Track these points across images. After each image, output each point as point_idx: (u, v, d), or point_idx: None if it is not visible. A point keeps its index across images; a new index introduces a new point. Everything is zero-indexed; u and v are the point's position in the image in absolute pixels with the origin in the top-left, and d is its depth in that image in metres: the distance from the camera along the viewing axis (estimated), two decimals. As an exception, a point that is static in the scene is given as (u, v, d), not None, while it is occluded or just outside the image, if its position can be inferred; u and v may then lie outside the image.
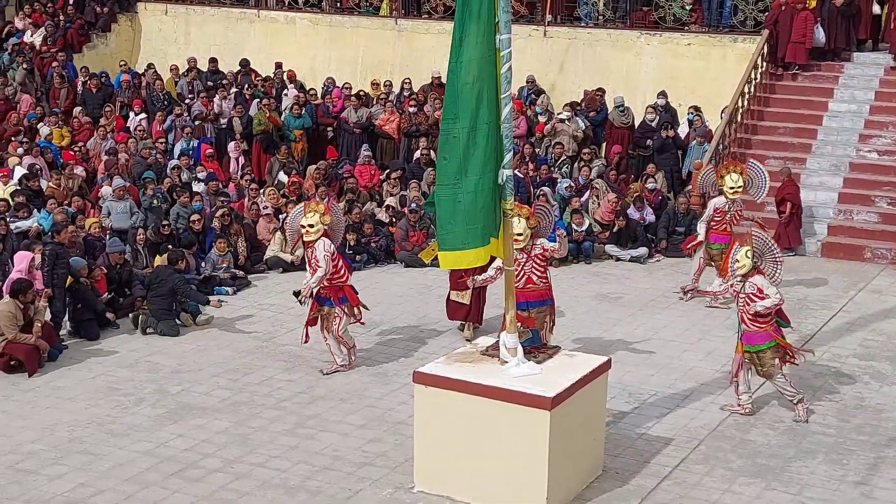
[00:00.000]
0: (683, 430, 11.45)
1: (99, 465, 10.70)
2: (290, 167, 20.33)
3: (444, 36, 19.37)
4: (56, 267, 14.12)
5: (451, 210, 9.92)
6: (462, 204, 9.88)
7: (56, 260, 14.12)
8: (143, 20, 26.81)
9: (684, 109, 21.15)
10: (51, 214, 17.08)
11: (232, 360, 13.47)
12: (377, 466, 10.68)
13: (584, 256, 17.80)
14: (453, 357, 10.42)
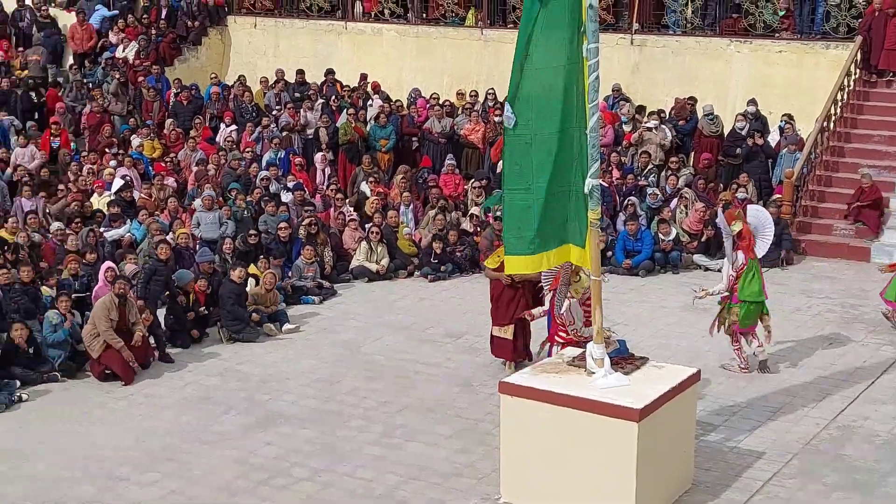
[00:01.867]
0: (776, 444, 11.23)
1: (190, 472, 10.84)
2: (374, 177, 20.41)
3: (530, 45, 19.39)
4: (150, 282, 14.35)
5: (521, 215, 9.95)
6: (532, 209, 9.88)
7: (152, 275, 14.36)
8: (234, 33, 27.17)
9: (776, 117, 20.78)
10: (142, 225, 17.38)
11: (319, 370, 13.56)
12: (464, 477, 10.65)
13: (672, 266, 17.58)
14: (540, 367, 10.37)
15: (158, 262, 14.66)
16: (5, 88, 23.10)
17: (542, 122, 9.83)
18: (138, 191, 19.27)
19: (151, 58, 25.19)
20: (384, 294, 16.62)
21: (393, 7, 25.67)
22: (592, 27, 9.58)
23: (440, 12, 25.19)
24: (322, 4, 26.52)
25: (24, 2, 26.66)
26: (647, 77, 22.58)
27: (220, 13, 27.02)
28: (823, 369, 13.28)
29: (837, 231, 18.47)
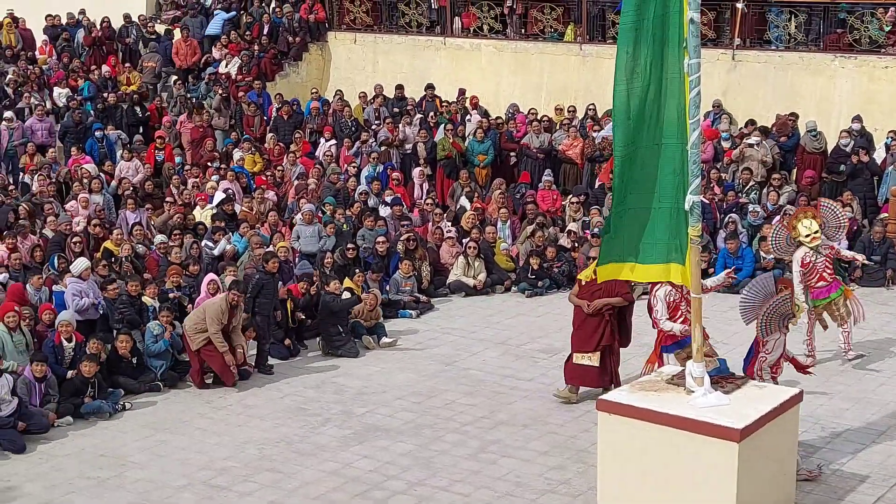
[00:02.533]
0: (880, 468, 10.97)
1: (287, 483, 10.96)
2: (473, 192, 20.46)
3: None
4: (260, 296, 14.57)
5: (616, 224, 9.99)
6: (624, 219, 9.94)
7: (261, 290, 14.57)
8: (333, 49, 27.50)
9: (881, 134, 20.34)
10: (244, 237, 17.65)
11: (415, 383, 13.61)
12: (559, 494, 10.60)
13: (774, 285, 17.27)
14: (638, 385, 10.28)
15: (266, 275, 14.85)
16: (112, 103, 23.68)
17: (642, 136, 9.81)
18: (239, 204, 19.58)
19: (253, 73, 25.61)
20: (481, 309, 16.63)
21: (492, 23, 25.75)
22: (694, 42, 9.51)
23: (539, 28, 25.20)
24: (421, 20, 26.72)
25: (130, 18, 27.33)
26: (747, 93, 22.29)
27: (320, 29, 27.37)
28: (930, 393, 12.94)
29: (945, 250, 17.99)
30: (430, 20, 26.72)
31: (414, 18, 26.73)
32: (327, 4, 27.42)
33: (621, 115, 9.83)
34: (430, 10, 26.61)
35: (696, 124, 9.63)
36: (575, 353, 12.75)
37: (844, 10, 21.88)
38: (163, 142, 22.39)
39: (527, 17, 25.47)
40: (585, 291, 12.69)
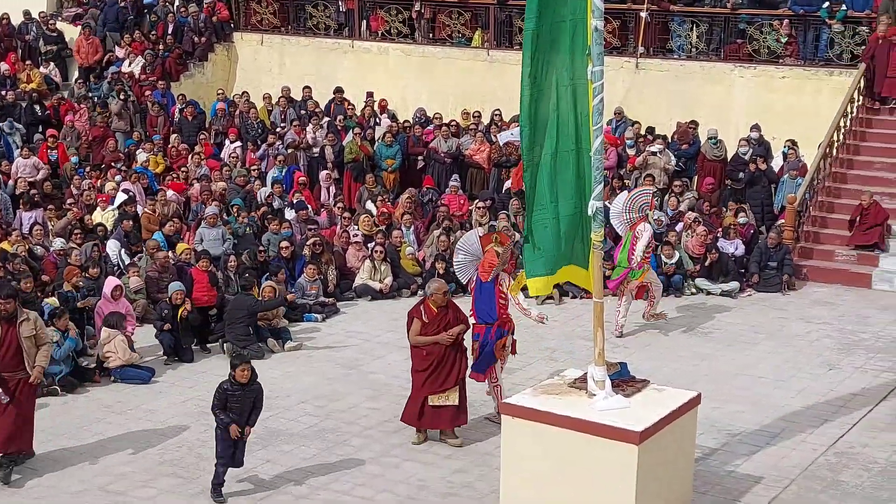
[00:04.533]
0: (773, 469, 11.24)
1: (188, 488, 10.85)
2: (379, 196, 20.47)
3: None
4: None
5: (539, 235, 10.03)
6: (549, 229, 9.98)
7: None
8: (240, 50, 27.29)
9: (779, 143, 20.85)
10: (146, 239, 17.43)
11: (319, 387, 13.58)
12: (462, 497, 10.66)
13: (674, 290, 17.60)
14: (541, 389, 10.39)
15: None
16: (11, 101, 23.19)
17: (548, 142, 9.94)
18: (142, 205, 19.32)
19: (157, 73, 25.30)
20: (387, 313, 16.64)
21: (400, 27, 25.80)
22: (598, 50, 9.66)
23: (447, 33, 25.31)
24: (329, 23, 26.65)
25: (30, 15, 26.79)
26: (650, 101, 22.66)
27: (226, 29, 27.14)
28: (822, 395, 13.29)
29: (839, 257, 18.51)
30: (337, 23, 26.66)
31: (322, 21, 26.65)
32: (233, 5, 27.20)
33: (526, 120, 9.95)
34: (337, 12, 26.55)
35: (598, 131, 9.79)
36: (430, 396, 11.67)
37: (744, 20, 22.40)
38: (55, 140, 21.98)
39: (434, 21, 25.57)
40: (431, 327, 11.63)
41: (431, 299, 11.71)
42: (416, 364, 11.84)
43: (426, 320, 11.66)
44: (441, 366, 11.65)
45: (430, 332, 11.63)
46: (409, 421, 11.92)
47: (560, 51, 9.80)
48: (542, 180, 10.02)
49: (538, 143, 9.95)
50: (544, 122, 9.91)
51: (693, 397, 10.31)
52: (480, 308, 12.24)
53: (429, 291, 11.81)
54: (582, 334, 14.70)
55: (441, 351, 11.63)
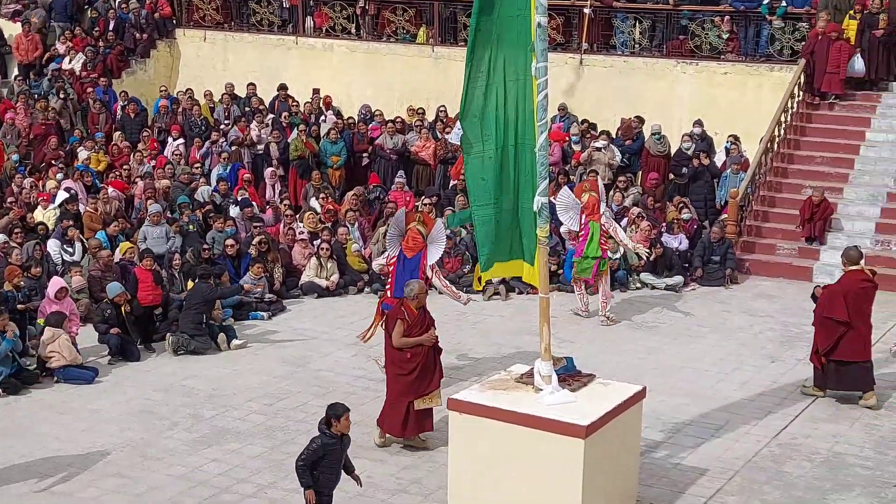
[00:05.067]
0: (718, 461, 11.36)
1: (133, 488, 10.76)
2: (325, 193, 20.39)
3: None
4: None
5: (489, 229, 10.08)
6: (501, 223, 10.09)
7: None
8: (182, 46, 27.06)
9: (721, 138, 21.06)
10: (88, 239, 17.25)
11: (266, 385, 13.52)
12: (410, 493, 10.67)
13: (619, 284, 17.72)
14: (487, 384, 10.42)
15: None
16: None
17: (493, 138, 9.99)
18: (84, 204, 19.10)
19: (98, 70, 25.02)
20: (333, 310, 16.60)
21: (344, 23, 25.72)
22: (541, 46, 9.69)
23: (391, 29, 25.28)
24: (273, 19, 26.51)
25: (-31, 11, 26.42)
26: (594, 96, 22.80)
27: (168, 26, 26.90)
28: (765, 387, 13.46)
29: (781, 250, 18.74)
30: (281, 19, 26.53)
31: (265, 17, 26.51)
32: (175, 1, 26.96)
33: (470, 115, 10.00)
34: (281, 8, 26.42)
35: (543, 127, 9.83)
36: (416, 400, 11.45)
37: (686, 17, 22.60)
38: (-8, 138, 21.71)
39: (379, 17, 25.53)
40: (414, 328, 11.40)
41: (413, 301, 11.37)
42: (398, 369, 11.43)
43: (409, 321, 11.35)
44: (425, 368, 11.43)
45: (414, 334, 11.38)
46: (393, 431, 11.58)
47: (504, 46, 9.85)
48: (489, 175, 10.07)
49: (487, 137, 10.00)
50: (486, 117, 9.97)
51: (638, 391, 10.39)
52: (400, 284, 12.47)
53: (411, 293, 11.43)
54: (528, 330, 14.75)
55: (424, 352, 11.41)
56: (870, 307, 12.87)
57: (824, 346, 12.78)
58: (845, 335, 12.65)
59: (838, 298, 12.68)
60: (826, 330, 12.75)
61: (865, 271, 12.93)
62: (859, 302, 12.70)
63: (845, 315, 12.57)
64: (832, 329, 12.69)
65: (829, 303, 12.75)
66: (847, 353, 12.68)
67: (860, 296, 12.74)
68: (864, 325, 12.79)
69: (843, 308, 12.58)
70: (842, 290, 12.77)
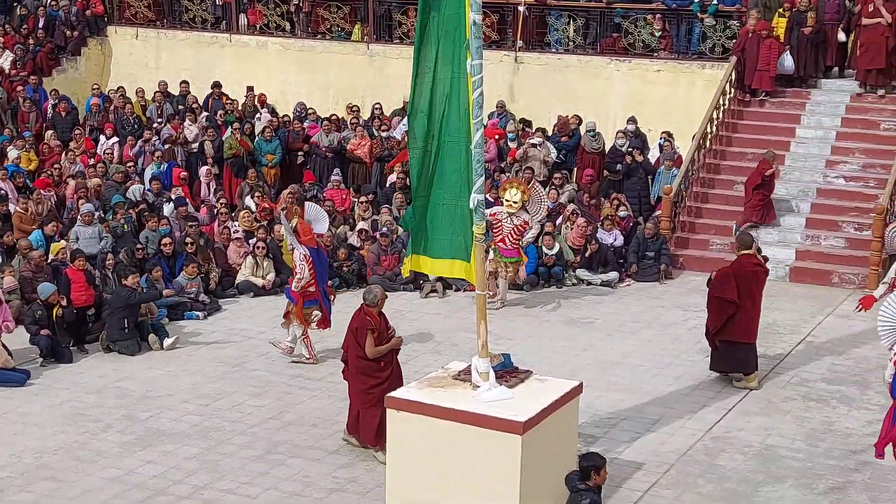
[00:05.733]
0: (653, 455, 11.48)
1: (66, 492, 10.61)
2: (260, 191, 20.27)
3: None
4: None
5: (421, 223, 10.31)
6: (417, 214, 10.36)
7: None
8: (114, 44, 26.75)
9: (655, 135, 21.28)
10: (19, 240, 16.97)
11: (201, 386, 13.40)
12: (348, 492, 10.64)
13: (555, 281, 17.83)
14: (425, 382, 10.42)
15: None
16: None
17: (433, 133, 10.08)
18: (14, 204, 18.79)
19: (28, 68, 24.64)
20: (270, 309, 16.48)
21: (278, 20, 25.58)
22: (476, 44, 9.73)
23: (326, 26, 25.19)
24: (206, 16, 26.29)
25: None
26: (530, 94, 22.91)
27: (99, 24, 26.55)
28: (699, 381, 13.62)
29: (714, 246, 18.96)
30: (214, 16, 26.32)
31: (198, 14, 26.28)
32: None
33: (413, 110, 10.15)
34: (214, 6, 26.21)
35: (479, 124, 9.87)
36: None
37: (619, 15, 22.79)
38: None
39: (313, 15, 25.43)
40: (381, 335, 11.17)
41: (374, 307, 11.11)
42: (373, 379, 11.00)
43: (378, 329, 11.06)
44: (394, 372, 11.17)
45: (385, 341, 11.12)
46: (368, 440, 11.24)
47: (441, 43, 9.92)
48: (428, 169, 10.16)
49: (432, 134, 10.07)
50: (429, 112, 10.05)
51: (575, 387, 10.46)
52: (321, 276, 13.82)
53: (374, 300, 11.12)
54: (466, 327, 14.78)
55: (392, 357, 11.22)
56: (760, 290, 13.40)
57: (714, 325, 13.32)
58: (734, 316, 13.18)
59: (729, 280, 13.23)
60: (717, 310, 13.28)
61: (757, 256, 13.57)
62: (749, 284, 13.25)
63: (735, 294, 13.10)
64: (722, 309, 13.21)
65: (721, 283, 13.30)
66: (735, 334, 13.22)
67: (751, 278, 13.29)
68: (753, 307, 13.33)
69: (733, 289, 13.12)
70: (733, 273, 13.32)
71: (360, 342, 11.03)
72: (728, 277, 13.24)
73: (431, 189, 10.27)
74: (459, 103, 9.96)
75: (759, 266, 13.49)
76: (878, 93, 20.42)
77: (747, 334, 13.28)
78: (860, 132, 20.08)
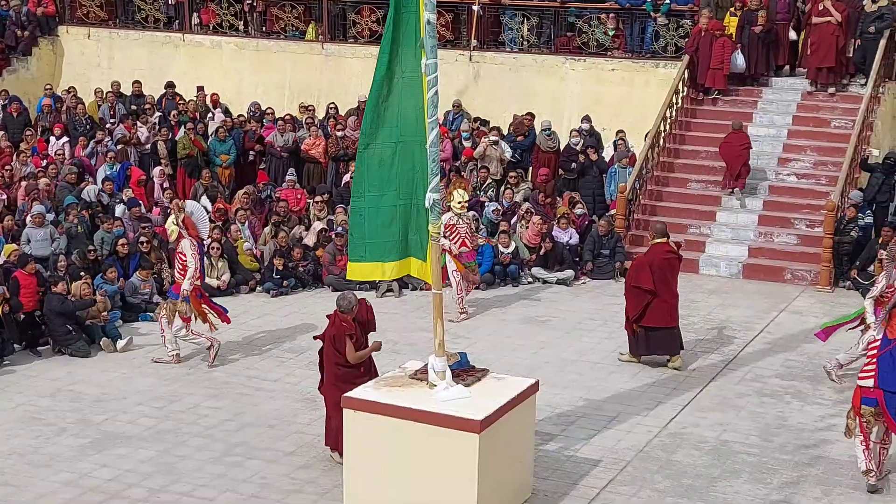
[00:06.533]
0: (611, 452, 11.54)
1: (20, 496, 10.50)
2: (215, 192, 20.15)
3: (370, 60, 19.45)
4: None
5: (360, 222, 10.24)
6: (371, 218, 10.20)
7: None
8: (66, 44, 26.47)
9: (609, 134, 21.38)
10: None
11: (157, 388, 13.30)
12: (306, 493, 10.61)
13: (511, 279, 17.87)
14: (382, 381, 10.41)
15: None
16: None
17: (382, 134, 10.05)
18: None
19: (-22, 68, 24.37)
20: (224, 310, 16.39)
21: (232, 20, 25.44)
22: (431, 43, 9.73)
23: (280, 26, 25.09)
24: (158, 16, 26.09)
25: None
26: (485, 93, 22.95)
27: (50, 23, 26.28)
28: (655, 378, 13.71)
29: (668, 244, 19.04)
30: (167, 16, 26.12)
31: (151, 13, 26.07)
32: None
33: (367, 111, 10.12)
34: (166, 5, 26.01)
35: (434, 123, 9.87)
36: None
37: (573, 14, 22.88)
38: None
39: (267, 14, 25.32)
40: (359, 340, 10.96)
41: (350, 313, 10.86)
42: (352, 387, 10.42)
43: (357, 335, 10.84)
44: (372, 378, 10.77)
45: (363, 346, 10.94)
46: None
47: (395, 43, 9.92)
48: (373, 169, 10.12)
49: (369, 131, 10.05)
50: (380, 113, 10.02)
51: (531, 384, 10.49)
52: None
53: (349, 306, 10.85)
54: (423, 326, 14.79)
55: (370, 362, 11.02)
56: (675, 277, 14.01)
57: (633, 313, 13.86)
58: (652, 303, 13.73)
59: (644, 268, 13.81)
60: (634, 298, 13.83)
61: (670, 244, 14.07)
62: (664, 272, 13.80)
63: (651, 284, 13.66)
64: (640, 297, 13.77)
65: (637, 273, 13.88)
66: (654, 320, 13.77)
67: (665, 266, 13.85)
68: (670, 293, 13.87)
69: (648, 277, 13.68)
70: (648, 261, 13.90)
71: (340, 349, 10.80)
72: (643, 267, 13.82)
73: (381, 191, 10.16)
74: (415, 103, 9.96)
75: (673, 254, 14.01)
76: (828, 91, 20.66)
77: (666, 319, 13.81)
78: (812, 130, 20.32)
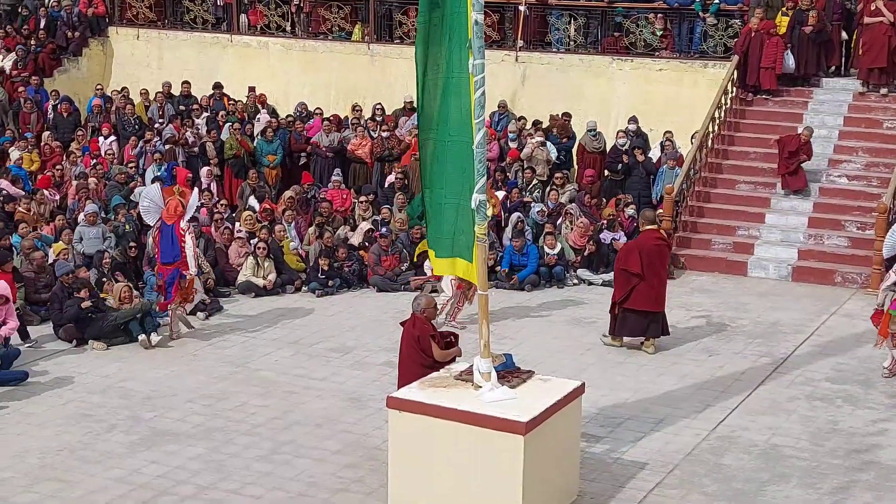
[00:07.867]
0: (658, 455, 11.46)
1: (70, 492, 10.60)
2: (262, 192, 20.27)
3: (416, 61, 19.64)
4: None
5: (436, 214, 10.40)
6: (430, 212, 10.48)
7: None
8: (115, 45, 26.75)
9: (657, 134, 21.24)
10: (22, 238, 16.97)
11: (206, 386, 13.39)
12: (352, 492, 10.63)
13: (557, 280, 17.81)
14: (427, 382, 10.40)
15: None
16: None
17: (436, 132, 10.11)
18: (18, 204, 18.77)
19: (30, 68, 24.64)
20: (272, 309, 16.49)
21: (279, 21, 25.58)
22: (478, 43, 9.72)
23: (327, 27, 25.19)
24: (207, 17, 26.29)
25: None
26: (532, 93, 22.89)
27: (101, 24, 26.56)
28: (704, 380, 13.60)
29: (716, 245, 18.94)
30: (216, 17, 26.32)
31: (199, 15, 26.28)
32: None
33: (420, 109, 10.22)
34: (215, 6, 26.21)
35: (480, 124, 9.86)
36: None
37: (620, 14, 22.77)
38: None
39: (313, 15, 25.43)
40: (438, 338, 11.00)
41: (424, 314, 10.98)
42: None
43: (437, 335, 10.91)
44: None
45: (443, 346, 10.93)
46: None
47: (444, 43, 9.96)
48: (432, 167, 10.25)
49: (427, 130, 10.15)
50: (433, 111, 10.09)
51: (577, 386, 10.44)
52: (165, 249, 14.52)
53: (418, 307, 10.98)
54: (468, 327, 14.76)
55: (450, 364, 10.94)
56: (663, 263, 14.53)
57: (619, 295, 14.32)
58: (637, 286, 14.16)
59: (633, 253, 14.31)
60: (622, 281, 14.31)
61: (660, 231, 14.51)
62: (652, 257, 14.23)
63: (638, 268, 14.10)
64: (626, 280, 14.23)
65: (626, 257, 14.37)
66: (638, 303, 14.23)
67: (653, 252, 14.28)
68: (657, 278, 14.32)
69: (637, 261, 14.12)
70: (637, 246, 14.44)
71: (426, 350, 10.80)
72: (632, 251, 14.33)
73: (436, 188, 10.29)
74: (462, 103, 9.96)
75: (662, 240, 14.49)
76: (880, 92, 20.42)
77: (652, 303, 14.25)
78: (863, 131, 20.08)
